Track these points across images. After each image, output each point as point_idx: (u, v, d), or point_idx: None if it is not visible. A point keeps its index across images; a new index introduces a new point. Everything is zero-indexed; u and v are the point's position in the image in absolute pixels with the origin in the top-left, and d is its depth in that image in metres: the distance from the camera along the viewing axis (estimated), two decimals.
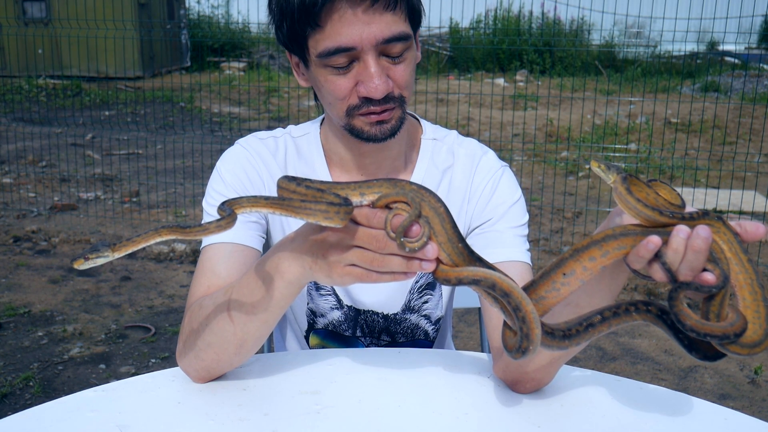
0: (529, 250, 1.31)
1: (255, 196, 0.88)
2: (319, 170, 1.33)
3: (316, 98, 1.32)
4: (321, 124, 1.37)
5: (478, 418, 1.06)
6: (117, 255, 0.86)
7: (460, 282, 0.86)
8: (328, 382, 1.14)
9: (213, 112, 9.50)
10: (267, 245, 1.36)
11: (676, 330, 0.86)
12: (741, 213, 5.57)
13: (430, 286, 1.37)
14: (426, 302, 1.38)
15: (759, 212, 5.63)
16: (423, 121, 1.39)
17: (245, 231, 1.26)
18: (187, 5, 14.82)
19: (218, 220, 0.86)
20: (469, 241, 1.34)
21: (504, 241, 1.28)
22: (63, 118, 8.38)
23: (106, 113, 9.31)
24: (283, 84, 9.72)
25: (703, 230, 0.81)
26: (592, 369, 1.23)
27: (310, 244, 0.93)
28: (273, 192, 1.32)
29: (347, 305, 1.38)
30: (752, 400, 3.07)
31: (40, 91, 10.52)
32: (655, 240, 0.82)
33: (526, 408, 1.09)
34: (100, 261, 0.86)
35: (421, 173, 1.34)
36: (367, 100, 1.15)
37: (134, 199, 5.86)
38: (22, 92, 10.43)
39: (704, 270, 0.82)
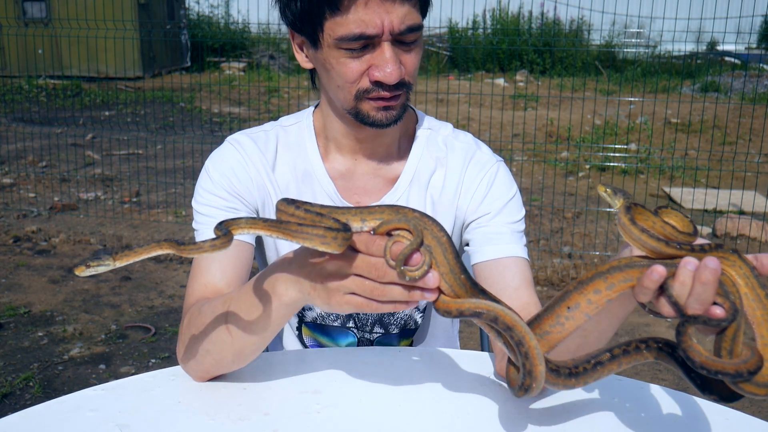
0: (526, 245, 1.32)
1: (253, 218, 0.87)
2: (311, 155, 1.33)
3: (313, 81, 1.33)
4: (314, 111, 1.38)
5: (479, 417, 1.06)
6: (118, 264, 0.86)
7: (461, 314, 0.83)
8: (328, 381, 1.14)
9: (213, 112, 9.49)
10: (261, 239, 1.37)
11: (689, 368, 0.81)
12: (741, 213, 5.57)
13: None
14: None
15: (759, 212, 5.63)
16: (418, 112, 1.41)
17: None
18: (186, 5, 14.81)
19: (213, 239, 0.84)
20: (466, 236, 1.35)
21: (502, 238, 1.28)
22: (63, 118, 8.38)
23: (106, 113, 9.31)
24: (283, 84, 9.72)
25: (711, 261, 0.77)
26: None
27: (309, 270, 0.90)
28: (261, 189, 1.33)
29: None
30: (752, 401, 3.07)
31: (40, 91, 10.52)
32: (659, 270, 0.78)
33: (527, 408, 1.08)
34: (101, 269, 0.85)
35: (415, 161, 1.34)
36: (378, 85, 1.16)
37: (134, 200, 5.86)
38: (22, 92, 10.43)
39: (714, 304, 0.78)
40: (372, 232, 0.84)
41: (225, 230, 0.85)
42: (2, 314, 3.71)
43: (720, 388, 0.81)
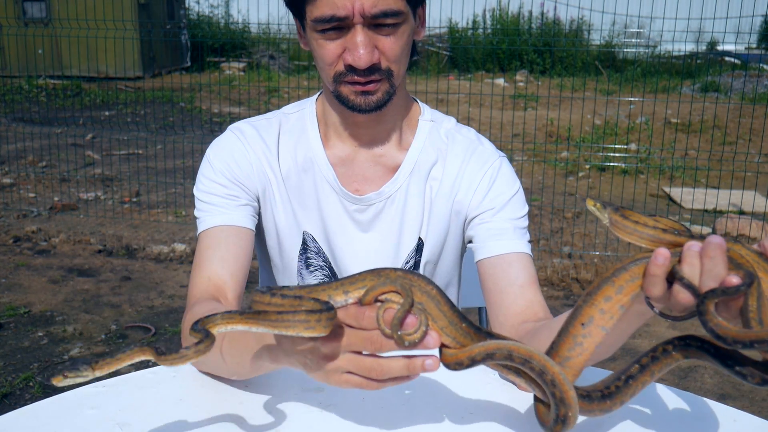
0: (530, 241, 1.31)
1: (230, 313, 0.82)
2: (312, 142, 1.33)
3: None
4: (318, 98, 1.38)
5: (482, 417, 1.05)
6: (98, 373, 0.81)
7: (473, 361, 0.79)
8: None
9: (213, 112, 9.49)
10: (259, 227, 1.36)
11: (723, 356, 0.78)
12: (741, 213, 5.57)
13: (417, 266, 1.37)
14: None
15: (759, 212, 5.62)
16: (422, 104, 1.41)
17: (238, 212, 1.28)
18: (186, 5, 14.80)
19: (196, 343, 0.80)
20: (468, 232, 1.34)
21: (505, 234, 1.28)
22: (63, 118, 8.37)
23: (106, 113, 9.30)
24: (283, 84, 9.72)
25: (714, 237, 0.75)
26: (593, 369, 1.22)
27: (301, 354, 0.84)
28: (262, 176, 1.33)
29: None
30: (752, 400, 3.06)
31: (40, 91, 10.51)
32: (663, 252, 0.76)
33: (530, 407, 1.08)
34: (80, 380, 0.81)
35: (416, 151, 1.34)
36: (352, 69, 1.17)
37: (134, 200, 5.86)
38: (22, 92, 10.42)
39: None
40: (359, 303, 0.79)
41: (204, 331, 0.81)
42: (2, 314, 3.70)
43: (763, 370, 0.76)
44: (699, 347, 0.81)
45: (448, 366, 0.81)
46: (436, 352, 0.81)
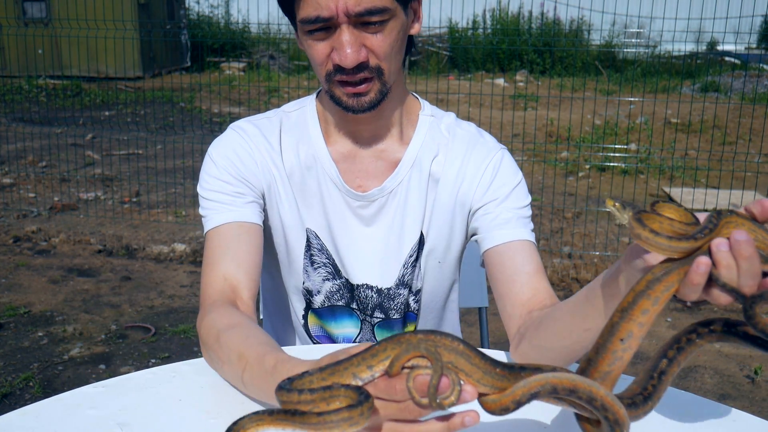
0: (533, 230, 1.32)
1: (258, 414, 0.78)
2: (314, 139, 1.34)
3: None
4: (318, 95, 1.39)
5: (482, 417, 1.05)
6: None
7: (519, 403, 0.78)
8: None
9: (213, 112, 9.49)
10: (264, 224, 1.35)
11: (753, 337, 0.80)
12: None
13: (418, 258, 1.38)
14: (414, 274, 1.39)
15: None
16: (422, 101, 1.41)
17: (246, 209, 1.28)
18: (186, 5, 14.81)
19: None
20: (473, 224, 1.35)
21: (509, 223, 1.29)
22: (63, 118, 8.38)
23: (106, 113, 9.30)
24: (283, 84, 9.72)
25: (738, 234, 0.76)
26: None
27: None
28: (267, 173, 1.33)
29: (344, 277, 1.38)
30: (752, 400, 3.06)
31: (40, 91, 10.51)
32: (705, 261, 0.76)
33: (531, 407, 1.08)
34: None
35: (417, 146, 1.34)
36: (340, 68, 1.17)
37: (134, 200, 5.86)
38: (22, 92, 10.43)
39: (765, 275, 0.76)
40: (387, 374, 0.77)
41: None
42: (2, 314, 3.70)
43: None
44: (728, 332, 0.82)
45: (493, 413, 0.79)
46: (475, 403, 0.80)
